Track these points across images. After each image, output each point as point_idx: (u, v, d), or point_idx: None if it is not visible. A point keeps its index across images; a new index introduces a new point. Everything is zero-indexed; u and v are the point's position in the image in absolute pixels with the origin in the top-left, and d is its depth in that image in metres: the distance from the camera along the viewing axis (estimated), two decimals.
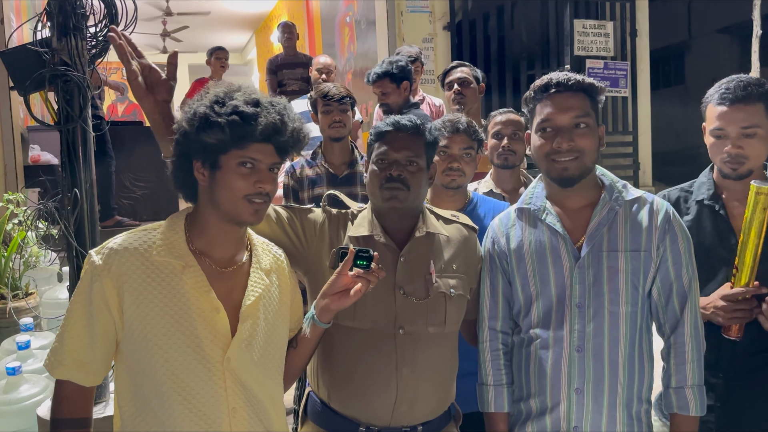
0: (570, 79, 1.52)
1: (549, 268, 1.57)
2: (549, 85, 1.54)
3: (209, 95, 1.32)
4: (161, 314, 1.29)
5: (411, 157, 1.57)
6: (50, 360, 1.32)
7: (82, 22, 2.18)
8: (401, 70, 3.19)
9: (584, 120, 1.52)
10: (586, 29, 5.93)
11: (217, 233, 1.37)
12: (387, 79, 3.19)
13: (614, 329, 1.53)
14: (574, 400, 1.54)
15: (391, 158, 1.57)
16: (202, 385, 1.29)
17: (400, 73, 3.19)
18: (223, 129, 1.27)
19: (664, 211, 1.57)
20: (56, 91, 2.15)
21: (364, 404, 1.54)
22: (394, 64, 3.20)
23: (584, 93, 1.54)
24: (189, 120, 1.30)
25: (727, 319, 1.64)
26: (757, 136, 1.68)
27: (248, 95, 1.32)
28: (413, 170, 1.56)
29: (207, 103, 1.30)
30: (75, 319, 1.30)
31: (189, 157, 1.33)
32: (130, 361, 1.31)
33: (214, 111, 1.28)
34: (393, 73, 3.18)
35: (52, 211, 2.30)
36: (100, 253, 1.32)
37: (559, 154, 1.52)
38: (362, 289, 1.40)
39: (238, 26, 12.19)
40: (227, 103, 1.29)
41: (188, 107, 1.32)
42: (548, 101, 1.54)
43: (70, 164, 2.17)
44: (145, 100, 1.49)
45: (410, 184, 1.55)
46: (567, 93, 1.53)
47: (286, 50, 5.85)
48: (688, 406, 1.53)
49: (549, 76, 1.56)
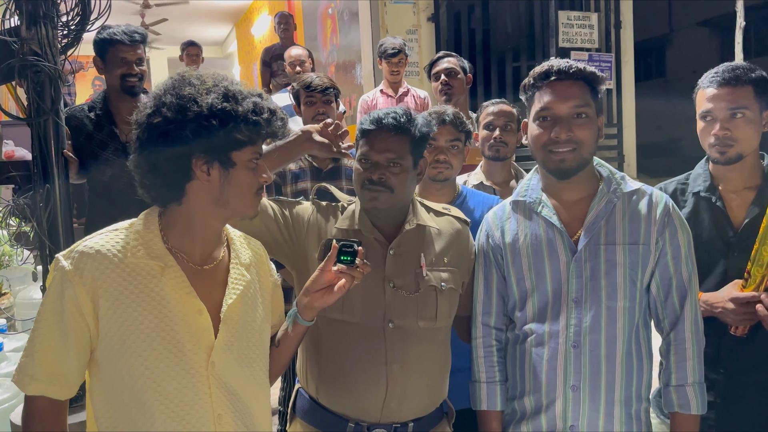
0: (571, 67, 1.47)
1: (545, 262, 1.53)
2: (549, 72, 1.48)
3: (207, 86, 1.22)
4: (140, 319, 1.21)
5: (393, 158, 1.51)
6: (20, 375, 1.23)
7: (53, 10, 2.11)
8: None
9: (584, 110, 1.48)
10: (570, 21, 5.90)
11: (203, 231, 1.30)
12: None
13: (611, 324, 1.49)
14: (570, 397, 1.50)
15: (373, 159, 1.52)
16: (185, 392, 1.23)
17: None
18: (260, 126, 1.22)
19: (663, 204, 1.53)
20: (27, 82, 2.06)
21: (353, 400, 1.52)
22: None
23: (585, 82, 1.49)
24: (200, 116, 1.18)
25: (736, 321, 1.62)
26: (745, 117, 1.66)
27: (253, 90, 1.26)
28: (396, 171, 1.51)
29: (219, 97, 1.20)
30: (46, 329, 1.21)
31: (185, 156, 1.21)
32: (107, 370, 1.23)
33: (241, 107, 1.21)
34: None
35: (24, 208, 2.20)
36: (69, 258, 1.22)
37: (557, 144, 1.47)
38: (346, 286, 1.35)
39: (218, 18, 12.06)
40: (247, 99, 1.22)
41: (182, 99, 1.20)
42: (548, 89, 1.49)
43: (42, 159, 2.10)
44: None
45: (393, 185, 1.50)
46: (568, 81, 1.48)
47: (282, 41, 5.78)
48: (689, 405, 1.49)
49: (550, 62, 1.51)
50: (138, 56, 2.59)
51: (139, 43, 2.58)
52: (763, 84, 1.67)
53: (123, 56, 2.56)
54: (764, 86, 1.67)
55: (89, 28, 2.24)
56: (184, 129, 1.19)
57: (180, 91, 1.21)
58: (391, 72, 3.98)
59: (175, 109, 1.19)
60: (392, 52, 3.92)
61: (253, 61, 10.77)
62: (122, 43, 2.54)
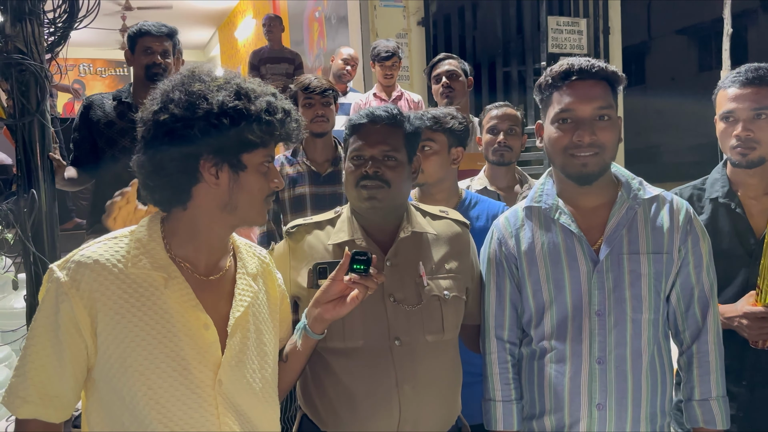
0: (594, 66, 1.41)
1: (564, 273, 1.46)
2: (570, 71, 1.41)
3: (219, 83, 1.14)
4: (142, 335, 1.12)
5: (388, 151, 1.44)
6: (10, 397, 1.13)
7: (39, 6, 2.03)
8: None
9: (607, 111, 1.41)
10: (560, 26, 5.90)
11: (209, 240, 1.22)
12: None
13: (637, 338, 1.43)
14: (596, 417, 1.43)
15: (367, 154, 1.45)
16: (191, 414, 1.14)
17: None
18: (273, 127, 1.15)
19: (684, 211, 1.47)
20: (11, 81, 1.97)
21: (365, 429, 1.42)
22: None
23: (607, 81, 1.42)
24: (210, 114, 1.11)
25: (753, 336, 1.58)
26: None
27: (267, 88, 1.19)
28: (392, 165, 1.44)
29: (231, 95, 1.13)
30: (39, 346, 1.12)
31: (192, 156, 1.14)
32: (105, 390, 1.14)
33: (254, 106, 1.13)
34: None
35: (6, 213, 2.09)
36: (64, 268, 1.13)
37: (579, 148, 1.40)
38: (360, 297, 1.28)
39: (200, 22, 11.98)
40: (261, 98, 1.15)
41: (191, 96, 1.12)
42: (568, 89, 1.41)
43: (27, 162, 2.00)
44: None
45: (390, 180, 1.43)
46: (590, 81, 1.41)
47: (270, 44, 5.68)
48: (714, 420, 1.44)
49: (569, 61, 1.43)
50: (164, 48, 2.66)
51: (165, 36, 2.67)
52: None
53: (149, 46, 2.65)
54: None
55: (76, 26, 2.15)
56: (192, 127, 1.11)
57: (189, 87, 1.13)
58: (384, 75, 3.92)
59: (183, 106, 1.11)
60: (386, 55, 3.86)
61: (236, 65, 10.69)
62: (149, 33, 2.65)
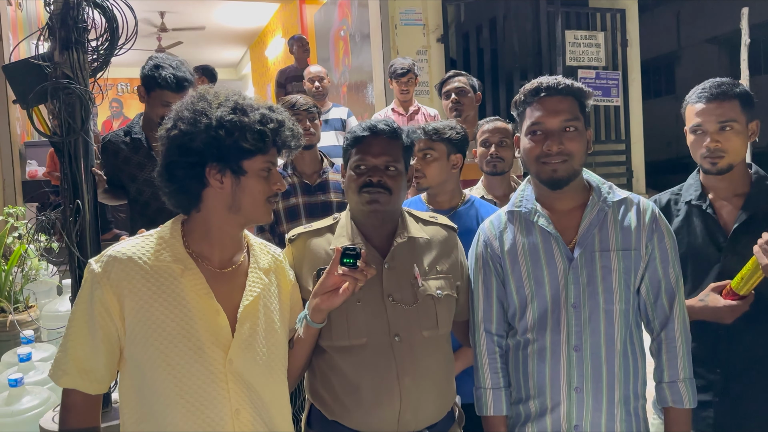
0: (560, 84, 1.56)
1: (543, 270, 1.60)
2: (539, 89, 1.57)
3: (220, 101, 1.33)
4: (162, 318, 1.30)
5: (390, 161, 1.58)
6: (54, 369, 1.33)
7: (84, 36, 2.22)
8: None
9: (573, 123, 1.56)
10: (577, 40, 6.01)
11: (220, 237, 1.39)
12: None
13: (609, 327, 1.55)
14: (575, 399, 1.56)
15: (370, 164, 1.57)
16: (204, 388, 1.30)
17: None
18: (264, 135, 1.31)
19: (650, 211, 1.61)
20: (58, 103, 2.18)
21: (369, 418, 1.55)
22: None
23: (573, 97, 1.58)
24: (209, 127, 1.29)
25: (727, 311, 1.67)
26: (734, 130, 1.75)
27: (264, 103, 1.36)
28: (393, 174, 1.57)
29: (228, 110, 1.31)
30: (77, 327, 1.31)
31: (199, 164, 1.32)
32: (132, 367, 1.31)
33: (248, 118, 1.30)
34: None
35: (54, 222, 2.31)
36: (99, 261, 1.33)
37: (549, 156, 1.55)
38: (350, 288, 1.42)
39: (232, 41, 12.22)
40: (255, 111, 1.32)
41: (195, 113, 1.32)
42: (538, 105, 1.57)
43: (72, 175, 2.19)
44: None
45: (391, 187, 1.56)
46: (557, 97, 1.56)
47: (297, 62, 5.87)
48: (682, 399, 1.56)
49: (539, 80, 1.59)
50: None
51: (185, 91, 2.55)
52: (747, 98, 1.76)
53: (168, 101, 2.53)
54: (748, 100, 1.76)
55: (117, 53, 2.36)
56: (195, 140, 1.30)
57: (195, 106, 1.33)
58: (401, 91, 4.07)
59: (189, 122, 1.31)
60: (401, 72, 4.01)
61: (266, 83, 10.88)
62: (170, 89, 2.59)
